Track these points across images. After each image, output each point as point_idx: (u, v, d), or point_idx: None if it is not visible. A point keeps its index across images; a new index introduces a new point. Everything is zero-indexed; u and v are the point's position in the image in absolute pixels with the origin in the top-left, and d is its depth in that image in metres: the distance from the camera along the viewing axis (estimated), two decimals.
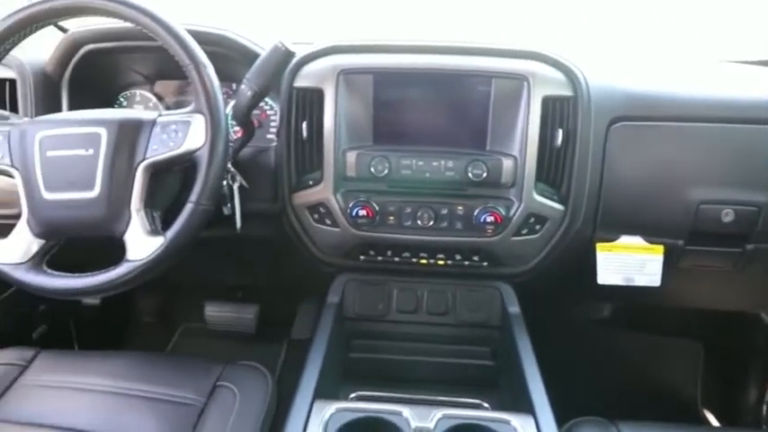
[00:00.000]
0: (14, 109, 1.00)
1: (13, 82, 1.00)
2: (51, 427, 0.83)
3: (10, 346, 1.00)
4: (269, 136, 1.12)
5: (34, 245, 0.79)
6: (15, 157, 0.78)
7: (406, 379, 1.01)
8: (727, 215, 0.93)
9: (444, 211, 0.94)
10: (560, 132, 0.91)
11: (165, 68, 1.13)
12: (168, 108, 1.16)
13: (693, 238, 0.96)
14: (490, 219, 0.92)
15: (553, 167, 0.94)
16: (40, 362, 0.97)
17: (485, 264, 0.99)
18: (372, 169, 0.93)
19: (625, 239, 0.99)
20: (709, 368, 1.48)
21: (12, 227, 0.81)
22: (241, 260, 1.31)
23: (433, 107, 0.96)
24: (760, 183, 0.93)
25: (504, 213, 0.93)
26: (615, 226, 0.99)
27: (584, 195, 0.94)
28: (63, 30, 1.07)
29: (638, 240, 0.99)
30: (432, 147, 0.95)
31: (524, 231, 0.95)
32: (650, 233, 0.98)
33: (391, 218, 0.95)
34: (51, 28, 0.94)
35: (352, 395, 0.94)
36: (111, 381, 0.92)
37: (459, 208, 0.94)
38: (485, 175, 0.92)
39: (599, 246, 0.99)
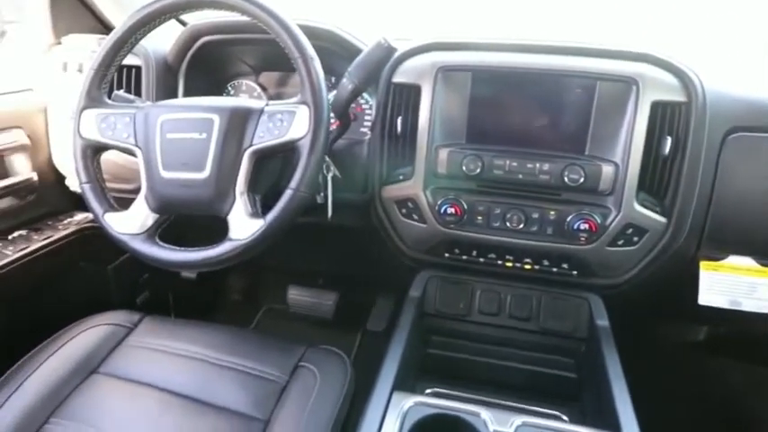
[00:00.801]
0: (138, 93, 1.10)
1: (138, 69, 1.10)
2: (150, 386, 0.90)
3: (119, 309, 1.10)
4: (362, 129, 1.15)
5: (149, 218, 0.86)
6: (139, 137, 0.85)
7: (482, 381, 1.00)
8: None
9: (535, 215, 0.92)
10: (669, 140, 0.86)
11: (269, 60, 1.19)
12: (270, 97, 1.22)
13: None
14: (584, 226, 0.89)
15: (658, 177, 0.89)
16: (145, 325, 1.05)
17: (574, 272, 0.96)
18: (464, 168, 0.92)
19: (734, 260, 0.91)
20: None
21: (128, 200, 0.89)
22: (326, 248, 1.36)
23: (531, 108, 0.94)
24: None
25: (599, 221, 0.89)
26: (723, 244, 0.91)
27: (690, 209, 0.88)
28: (183, 23, 1.16)
29: (748, 262, 0.91)
30: (526, 148, 0.93)
31: (620, 242, 0.90)
32: (764, 255, 0.90)
33: (479, 217, 0.94)
34: (173, 21, 1.02)
35: (428, 390, 0.95)
36: (205, 350, 0.98)
37: (552, 213, 0.91)
38: (582, 180, 0.88)
39: (703, 264, 0.92)
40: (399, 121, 0.96)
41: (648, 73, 0.87)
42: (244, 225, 0.80)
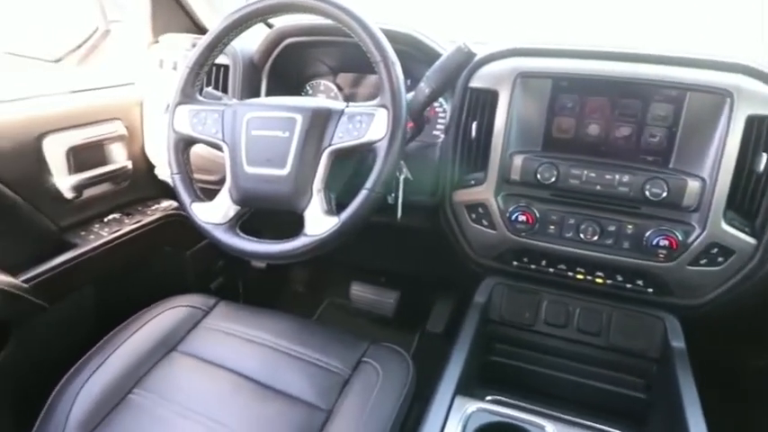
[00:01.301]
0: (224, 90, 1.16)
1: (226, 67, 1.16)
2: (222, 367, 0.95)
3: (195, 292, 1.16)
4: (435, 132, 1.15)
5: (231, 210, 0.90)
6: (226, 133, 0.90)
7: (545, 393, 0.98)
8: None
9: (611, 228, 0.89)
10: (765, 157, 0.81)
11: (347, 62, 1.22)
12: (345, 97, 1.25)
13: None
14: (664, 242, 0.85)
15: (749, 196, 0.83)
16: (219, 310, 1.11)
17: (650, 290, 0.92)
18: (538, 176, 0.91)
19: None
20: None
21: (209, 191, 0.94)
22: (392, 247, 1.38)
23: (613, 117, 0.91)
24: None
25: (680, 239, 0.85)
26: None
27: None
28: (269, 25, 1.21)
29: None
30: (606, 159, 0.90)
31: (703, 261, 0.86)
32: None
33: (552, 227, 0.93)
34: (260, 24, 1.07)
35: (488, 398, 0.95)
36: (273, 337, 1.02)
37: (629, 226, 0.88)
38: (664, 194, 0.85)
39: None
40: (474, 125, 0.95)
41: (744, 85, 0.82)
42: (319, 221, 0.83)
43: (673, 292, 0.91)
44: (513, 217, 0.93)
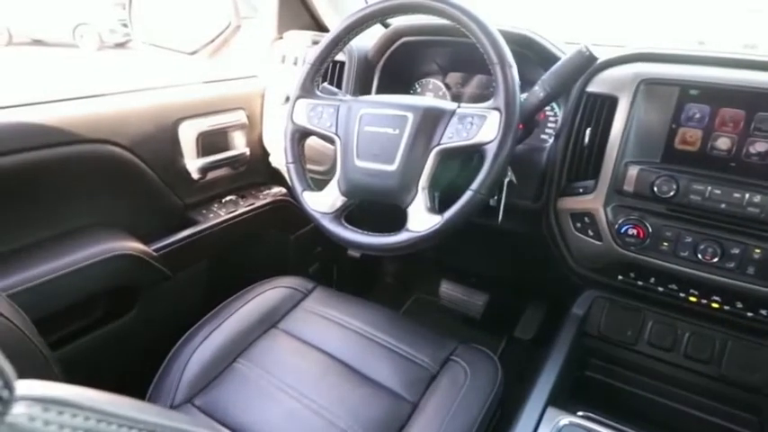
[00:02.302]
0: (338, 85, 1.22)
1: (342, 64, 1.22)
2: (317, 349, 1.00)
3: (295, 275, 1.23)
4: (543, 136, 1.13)
5: (339, 201, 0.95)
6: (340, 127, 0.94)
7: (640, 416, 0.93)
8: None
9: (735, 251, 0.83)
10: None
11: (457, 61, 1.23)
12: (453, 97, 1.26)
13: None
14: None
15: None
16: (317, 294, 1.17)
17: None
18: (655, 188, 0.86)
19: None
20: None
21: (318, 181, 0.99)
22: (486, 249, 1.36)
23: (747, 131, 0.83)
24: None
25: None
26: None
27: None
28: (385, 25, 1.25)
29: None
30: (734, 176, 0.83)
31: None
32: None
33: (666, 244, 0.87)
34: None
35: (580, 413, 0.92)
36: (365, 325, 1.05)
37: (757, 251, 0.81)
38: None
39: None
40: (588, 131, 0.92)
41: None
42: (422, 218, 0.85)
43: None
44: (623, 230, 0.89)
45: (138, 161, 1.12)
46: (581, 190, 0.94)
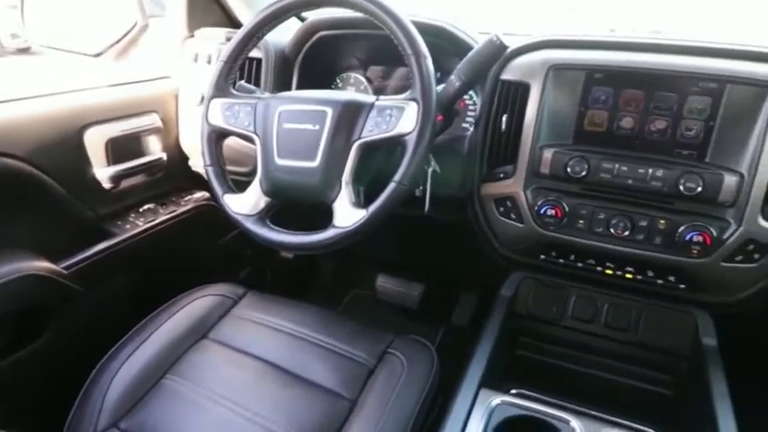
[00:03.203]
0: (257, 83, 1.19)
1: (259, 61, 1.18)
2: (251, 356, 0.97)
3: (225, 281, 1.19)
4: (464, 125, 1.15)
5: (262, 201, 0.92)
6: (258, 126, 0.91)
7: (570, 388, 0.97)
8: None
9: (643, 223, 0.88)
10: None
11: (377, 54, 1.23)
12: (375, 90, 1.26)
13: None
14: (698, 238, 0.83)
15: None
16: (248, 299, 1.13)
17: (682, 286, 0.90)
18: (569, 169, 0.90)
19: None
20: None
21: (240, 182, 0.96)
22: (418, 240, 1.38)
23: (648, 111, 0.89)
24: None
25: (715, 235, 0.83)
26: None
27: None
28: (302, 19, 1.23)
29: None
30: (638, 153, 0.89)
31: (738, 258, 0.84)
32: None
33: (581, 221, 0.92)
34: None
35: (514, 391, 0.94)
36: (300, 327, 1.04)
37: (662, 222, 0.87)
38: (699, 189, 0.83)
39: None
40: (504, 118, 0.95)
41: None
42: (347, 214, 0.84)
43: (705, 289, 0.89)
44: (542, 211, 0.92)
45: (39, 173, 1.04)
46: (502, 175, 0.97)
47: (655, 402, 0.96)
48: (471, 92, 1.13)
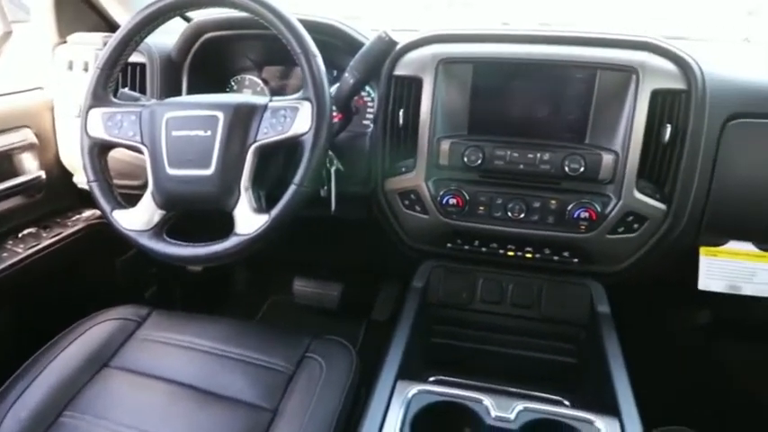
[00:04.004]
0: (142, 90, 1.11)
1: (143, 66, 1.11)
2: (159, 378, 0.92)
3: (126, 303, 1.11)
4: (365, 122, 1.15)
5: (156, 215, 0.87)
6: (145, 135, 0.86)
7: (485, 368, 1.02)
8: None
9: (536, 204, 0.93)
10: (669, 128, 0.87)
11: (272, 55, 1.20)
12: (273, 91, 1.23)
13: None
14: (584, 214, 0.90)
15: (658, 165, 0.89)
16: (153, 319, 1.07)
17: (575, 260, 0.97)
18: (465, 159, 0.93)
19: (734, 245, 0.92)
20: None
21: (134, 196, 0.90)
22: (331, 240, 1.37)
23: (532, 98, 0.94)
24: None
25: (599, 210, 0.90)
26: (723, 230, 0.92)
27: (690, 196, 0.89)
28: (187, 19, 1.17)
29: (748, 247, 0.92)
30: (528, 138, 0.94)
31: (621, 230, 0.91)
32: (764, 240, 0.91)
33: (481, 208, 0.95)
34: (177, 18, 1.03)
35: (432, 378, 0.97)
36: (212, 342, 1.00)
37: (553, 202, 0.93)
38: (582, 169, 0.89)
39: (703, 249, 0.94)
40: (401, 113, 0.96)
41: (648, 61, 0.88)
42: (249, 220, 0.82)
43: (595, 261, 0.96)
44: (444, 201, 0.95)
45: None
46: (404, 169, 0.98)
47: (561, 371, 1.02)
48: (369, 89, 1.14)
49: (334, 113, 1.05)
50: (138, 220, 0.87)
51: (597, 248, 0.94)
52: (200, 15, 1.11)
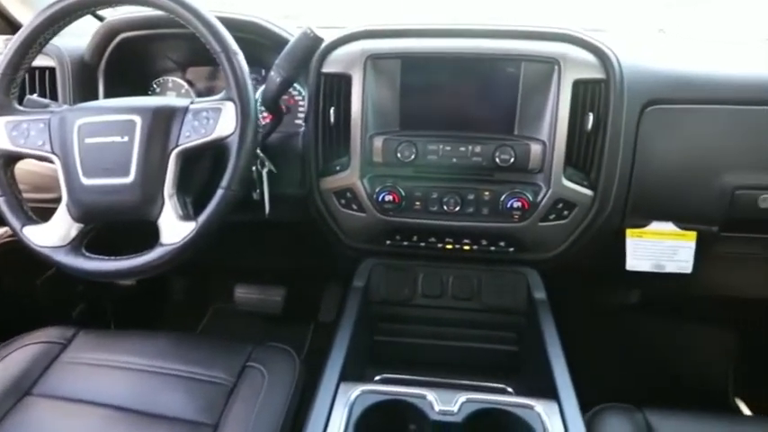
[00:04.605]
0: (54, 96, 1.04)
1: (52, 70, 1.03)
2: (90, 403, 0.87)
3: (51, 324, 1.04)
4: (297, 121, 1.13)
5: (73, 229, 0.82)
6: (55, 144, 0.81)
7: (430, 363, 1.02)
8: (765, 201, 0.90)
9: (471, 197, 0.94)
10: (591, 117, 0.90)
11: (196, 55, 1.15)
12: (200, 93, 1.18)
13: (729, 224, 0.94)
14: (517, 204, 0.92)
15: (583, 152, 0.92)
16: (80, 340, 1.01)
17: (511, 249, 0.99)
18: (399, 155, 0.93)
19: (656, 226, 0.97)
20: (742, 356, 1.45)
21: (49, 210, 0.84)
22: (269, 243, 1.34)
23: (460, 91, 0.95)
24: None
25: (531, 199, 0.92)
26: (646, 212, 0.97)
27: (614, 181, 0.93)
28: (100, 18, 1.09)
29: (669, 227, 0.97)
30: (459, 132, 0.95)
31: (552, 217, 0.94)
32: (683, 219, 0.96)
33: (417, 203, 0.95)
34: (89, 17, 0.96)
35: (377, 377, 0.96)
36: (147, 360, 0.95)
37: (486, 193, 0.94)
38: (512, 160, 0.91)
39: (629, 232, 0.98)
40: (332, 111, 0.95)
41: (569, 53, 0.90)
42: (175, 229, 0.78)
43: (530, 249, 0.99)
44: (380, 197, 0.94)
45: None
46: (338, 168, 0.97)
47: (504, 359, 1.04)
48: (300, 87, 1.11)
49: (264, 114, 1.03)
50: (52, 235, 0.81)
51: (531, 236, 0.96)
52: (113, 14, 1.04)
